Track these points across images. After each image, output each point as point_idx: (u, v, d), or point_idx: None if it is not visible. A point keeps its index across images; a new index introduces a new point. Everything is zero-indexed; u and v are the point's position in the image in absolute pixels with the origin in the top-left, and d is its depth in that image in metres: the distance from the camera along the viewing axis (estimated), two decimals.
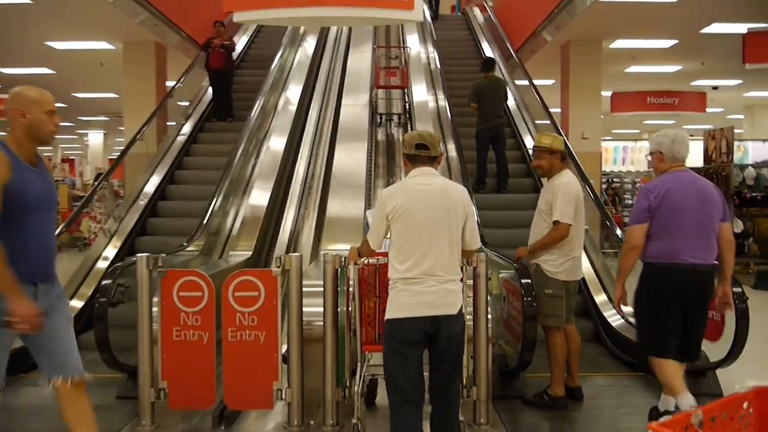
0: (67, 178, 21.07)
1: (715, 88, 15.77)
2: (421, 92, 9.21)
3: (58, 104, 2.74)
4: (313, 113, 9.11)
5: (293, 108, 8.66)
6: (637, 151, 15.24)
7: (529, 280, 3.90)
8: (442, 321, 2.84)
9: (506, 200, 7.73)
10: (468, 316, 3.53)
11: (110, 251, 6.79)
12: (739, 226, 10.10)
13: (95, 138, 25.12)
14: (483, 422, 3.60)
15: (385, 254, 3.29)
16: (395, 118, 9.48)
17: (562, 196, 4.00)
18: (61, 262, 8.20)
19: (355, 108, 8.34)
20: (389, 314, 2.88)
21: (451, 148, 8.10)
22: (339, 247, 5.85)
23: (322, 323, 3.56)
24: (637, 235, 3.55)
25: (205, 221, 6.12)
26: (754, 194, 10.22)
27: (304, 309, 3.54)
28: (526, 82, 9.79)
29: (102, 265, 6.57)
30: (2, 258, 2.43)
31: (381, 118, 9.33)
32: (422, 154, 3.04)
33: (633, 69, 14.22)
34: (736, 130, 10.59)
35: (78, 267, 6.51)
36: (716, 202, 3.58)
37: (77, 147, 30.00)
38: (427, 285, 2.86)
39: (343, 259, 3.49)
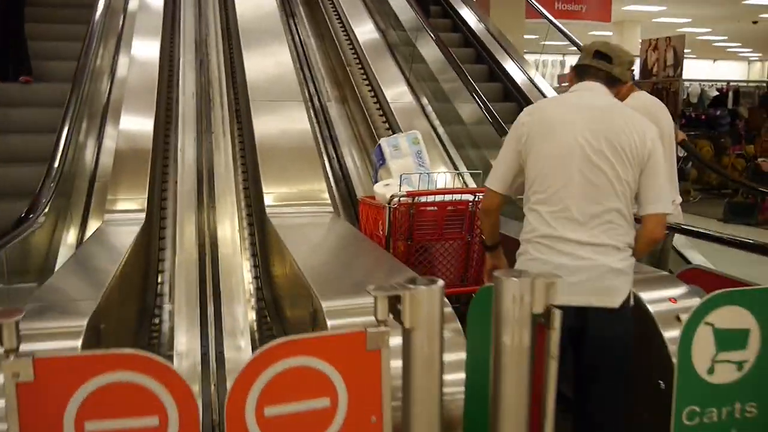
0: None
1: None
2: None
3: None
4: (188, 8, 6.35)
5: (158, 3, 5.85)
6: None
7: None
8: (593, 317, 1.89)
9: None
10: None
11: None
12: (680, 150, 9.13)
13: None
14: None
15: (428, 192, 3.11)
16: None
17: None
18: None
19: None
20: None
21: None
22: (288, 190, 3.66)
23: None
24: None
25: (56, 165, 3.44)
26: (696, 113, 9.20)
27: None
28: None
29: None
30: None
31: None
32: (598, 66, 2.11)
33: None
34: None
35: None
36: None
37: None
38: (573, 257, 1.92)
39: None
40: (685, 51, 9.46)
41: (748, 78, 24.05)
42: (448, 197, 3.12)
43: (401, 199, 3.00)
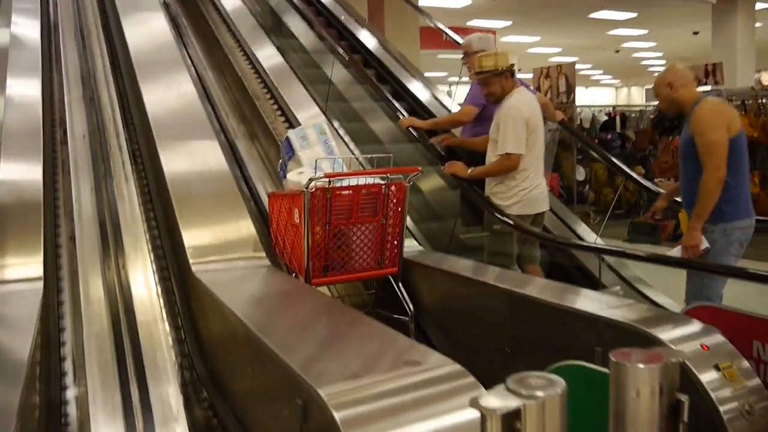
0: None
1: None
2: None
3: None
4: (68, 40, 5.67)
5: (34, 37, 5.17)
6: None
7: None
8: None
9: None
10: None
11: None
12: (581, 173, 9.40)
13: None
14: None
15: (345, 174, 3.22)
16: None
17: (512, 122, 3.62)
18: None
19: (147, 24, 5.30)
20: None
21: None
22: (215, 242, 3.20)
23: None
24: None
25: None
26: (589, 138, 9.51)
27: None
28: None
29: None
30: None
31: None
32: None
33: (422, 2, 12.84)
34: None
35: None
36: None
37: None
38: None
39: None
40: None
41: (616, 103, 25.86)
42: (362, 180, 3.14)
43: (318, 183, 2.98)
